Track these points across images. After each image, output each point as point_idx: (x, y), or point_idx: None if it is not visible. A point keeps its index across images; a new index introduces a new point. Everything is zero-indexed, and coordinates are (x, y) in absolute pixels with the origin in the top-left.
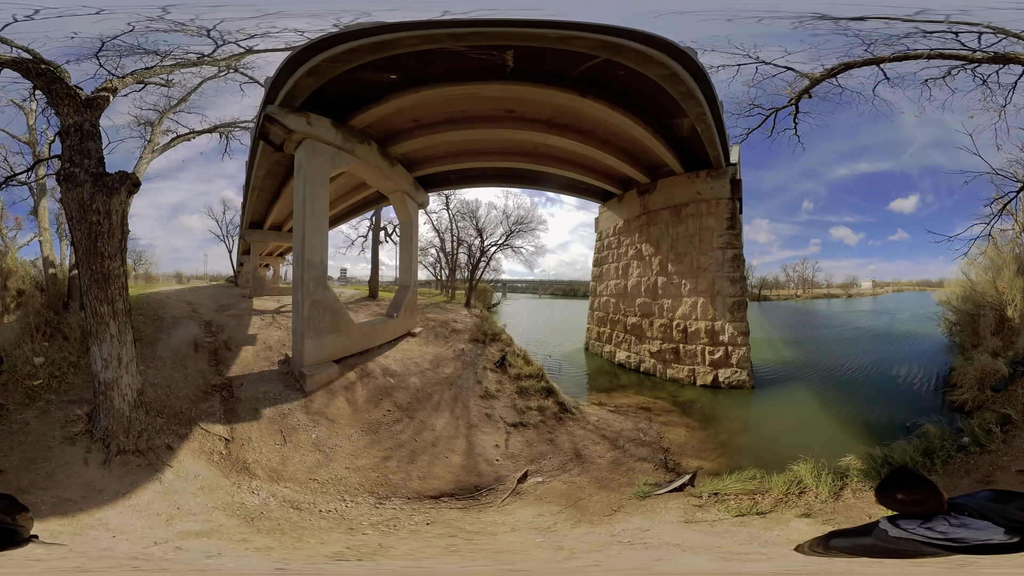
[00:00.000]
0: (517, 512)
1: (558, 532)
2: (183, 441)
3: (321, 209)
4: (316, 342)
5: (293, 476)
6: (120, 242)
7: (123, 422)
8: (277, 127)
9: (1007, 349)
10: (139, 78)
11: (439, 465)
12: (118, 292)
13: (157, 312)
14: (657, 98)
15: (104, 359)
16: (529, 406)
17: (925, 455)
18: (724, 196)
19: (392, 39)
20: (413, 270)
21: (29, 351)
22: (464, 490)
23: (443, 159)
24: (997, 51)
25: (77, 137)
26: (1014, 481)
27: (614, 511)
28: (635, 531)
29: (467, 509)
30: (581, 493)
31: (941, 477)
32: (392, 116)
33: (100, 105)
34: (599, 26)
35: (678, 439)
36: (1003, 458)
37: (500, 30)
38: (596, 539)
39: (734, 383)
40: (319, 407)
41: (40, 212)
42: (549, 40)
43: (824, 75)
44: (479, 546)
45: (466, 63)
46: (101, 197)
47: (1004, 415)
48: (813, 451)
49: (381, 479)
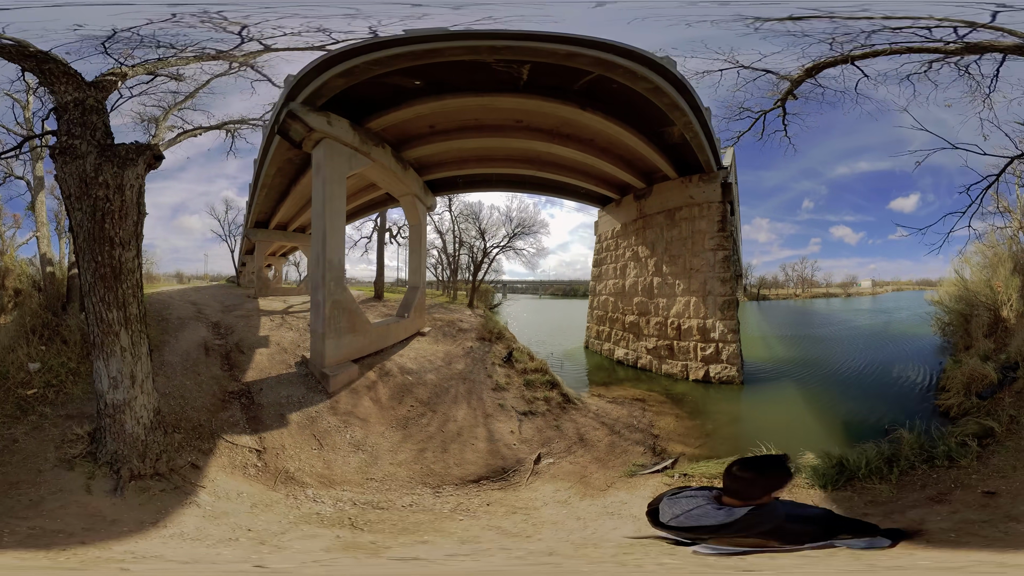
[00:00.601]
0: (540, 489)
1: (571, 504)
2: (209, 457)
3: (339, 209)
4: (336, 342)
5: (345, 479)
6: (135, 226)
7: (138, 446)
8: (299, 124)
9: (999, 352)
10: (150, 69)
11: (469, 452)
12: (131, 292)
13: (161, 313)
14: (648, 109)
15: (112, 377)
16: (536, 397)
17: (887, 461)
18: (715, 200)
19: (438, 48)
20: (422, 272)
21: (24, 355)
22: (495, 472)
23: (452, 164)
24: (969, 41)
25: (78, 111)
26: (973, 503)
27: (608, 486)
28: (619, 503)
29: (505, 489)
30: (585, 471)
31: (890, 488)
32: (409, 121)
33: (107, 88)
34: (595, 42)
35: (668, 427)
36: (972, 476)
37: (526, 44)
38: (595, 510)
39: (724, 378)
40: (346, 407)
41: (37, 207)
42: (559, 56)
43: (801, 76)
44: (534, 518)
45: (487, 75)
46: (110, 168)
47: (987, 427)
48: (790, 446)
49: (425, 470)
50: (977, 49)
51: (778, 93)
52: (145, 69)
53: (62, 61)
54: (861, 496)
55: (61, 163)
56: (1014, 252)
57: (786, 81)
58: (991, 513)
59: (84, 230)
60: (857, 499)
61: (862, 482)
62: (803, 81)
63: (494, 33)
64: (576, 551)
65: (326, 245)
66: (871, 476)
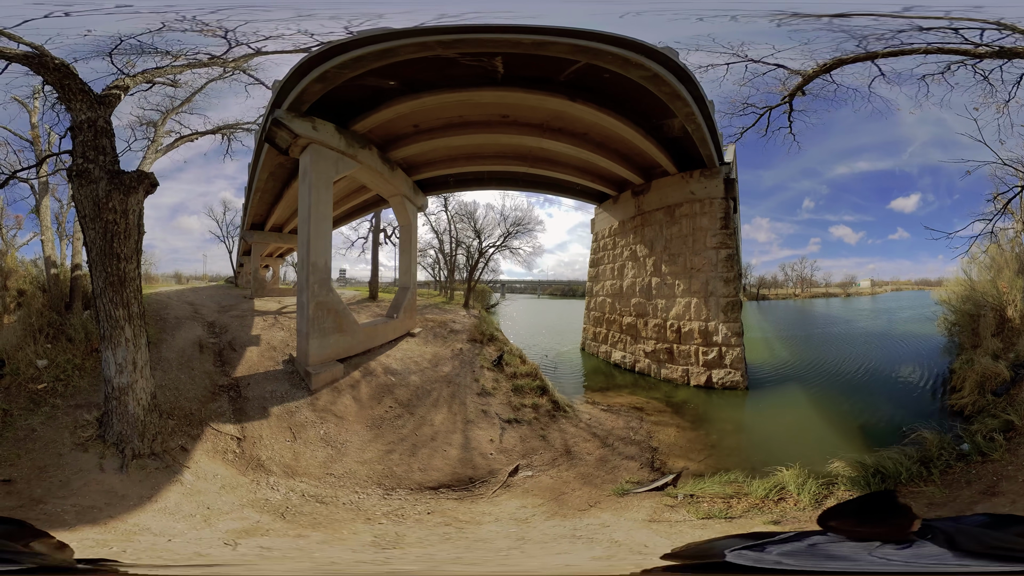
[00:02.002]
0: (504, 504)
1: (531, 524)
2: (196, 442)
3: (325, 213)
4: (320, 342)
5: (307, 471)
6: (136, 243)
7: (138, 426)
8: (284, 131)
9: (1007, 351)
10: (149, 77)
11: (438, 458)
12: (133, 295)
13: (159, 313)
14: (645, 100)
15: (119, 364)
16: (524, 403)
17: (922, 463)
18: (718, 196)
19: (392, 47)
20: (412, 272)
21: (32, 353)
22: (460, 482)
23: (441, 163)
24: (1003, 46)
25: (91, 133)
26: (1022, 491)
27: (590, 506)
28: (597, 526)
29: (461, 500)
30: (565, 488)
31: (938, 488)
32: (392, 121)
33: (111, 103)
34: (571, 30)
35: (668, 439)
36: (1007, 467)
37: (484, 36)
38: (558, 531)
39: (728, 384)
40: (325, 404)
41: (42, 211)
42: (525, 46)
43: (817, 71)
44: (465, 534)
45: (460, 70)
46: (118, 196)
47: (1007, 421)
48: (804, 455)
49: (386, 471)
50: (1008, 54)
51: (786, 89)
52: (144, 78)
53: (79, 77)
54: (916, 500)
55: (77, 185)
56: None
57: (797, 76)
58: None
59: (96, 247)
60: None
61: (906, 486)
62: (816, 76)
63: (441, 28)
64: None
65: (311, 249)
66: (912, 480)
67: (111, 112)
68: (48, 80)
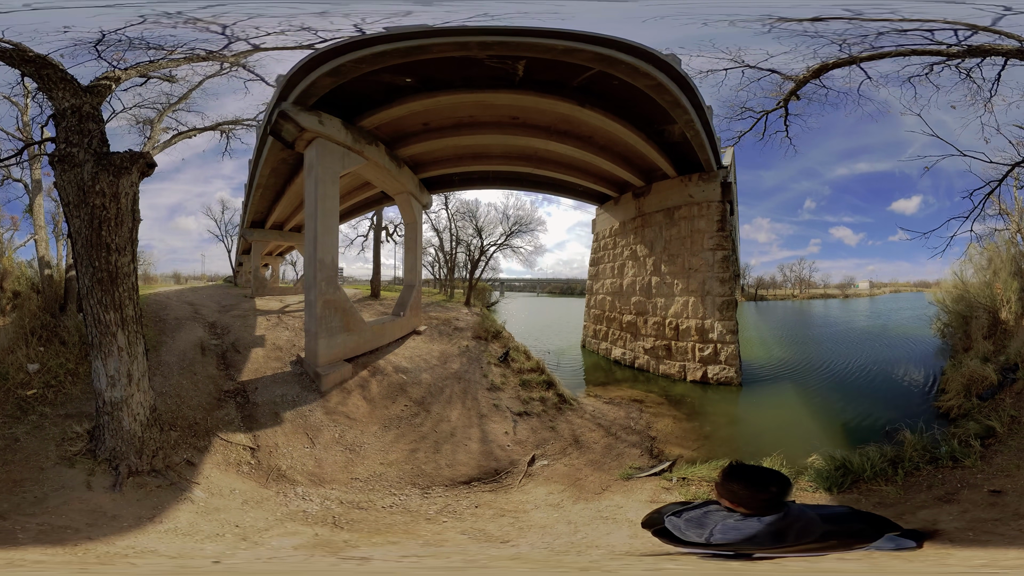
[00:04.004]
0: (532, 491)
1: (564, 508)
2: (204, 454)
3: (332, 209)
4: (329, 341)
5: (334, 477)
6: (131, 232)
7: (135, 443)
8: (290, 124)
9: (999, 353)
10: (142, 71)
11: (461, 453)
12: (127, 295)
13: (159, 314)
14: (648, 106)
15: (110, 376)
16: (532, 397)
17: (891, 463)
18: (715, 199)
19: (424, 44)
20: (418, 270)
21: (23, 357)
22: (487, 474)
23: (448, 162)
24: (971, 44)
25: (75, 119)
26: (981, 502)
27: (603, 489)
28: (614, 507)
29: (495, 491)
30: (579, 474)
31: (897, 489)
32: (403, 119)
33: (101, 92)
34: (596, 37)
35: (665, 429)
36: (976, 475)
37: (519, 40)
38: (588, 513)
39: (722, 379)
40: (335, 406)
41: (35, 210)
42: (556, 52)
43: (806, 77)
44: (523, 522)
45: (480, 71)
46: (106, 177)
47: (988, 427)
48: (789, 448)
49: (416, 470)
50: (978, 52)
51: (781, 94)
52: (137, 72)
53: (60, 67)
54: (868, 498)
55: (60, 171)
56: (1013, 255)
57: (790, 81)
58: (1000, 511)
59: (82, 237)
60: (864, 501)
61: (868, 484)
62: (808, 81)
63: (483, 29)
64: (549, 558)
65: (318, 245)
66: (876, 478)
67: (101, 101)
68: (26, 72)
